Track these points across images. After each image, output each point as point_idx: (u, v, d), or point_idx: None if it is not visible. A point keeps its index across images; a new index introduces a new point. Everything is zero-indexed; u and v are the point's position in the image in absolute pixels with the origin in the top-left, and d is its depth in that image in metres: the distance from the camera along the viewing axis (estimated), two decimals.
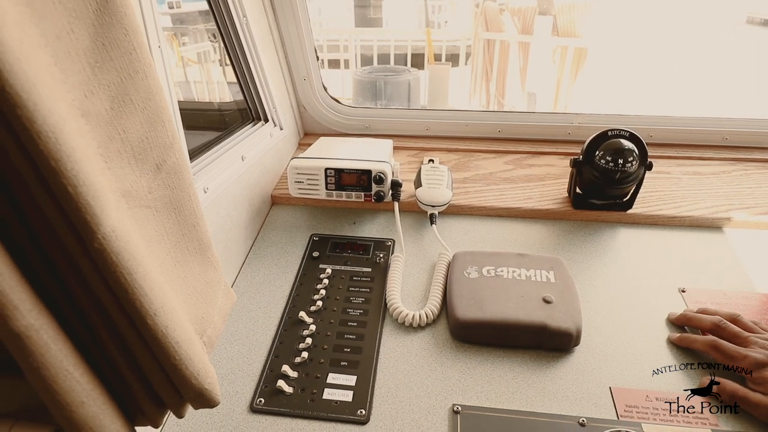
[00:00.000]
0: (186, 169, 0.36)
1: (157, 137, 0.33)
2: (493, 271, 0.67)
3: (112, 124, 0.30)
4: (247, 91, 0.85)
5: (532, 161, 0.96)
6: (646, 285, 0.69)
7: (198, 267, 0.39)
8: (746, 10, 3.64)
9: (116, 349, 0.32)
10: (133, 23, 0.31)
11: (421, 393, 0.56)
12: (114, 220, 0.27)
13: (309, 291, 0.69)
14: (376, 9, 5.73)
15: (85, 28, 0.28)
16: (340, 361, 0.59)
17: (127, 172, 0.31)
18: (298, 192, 0.79)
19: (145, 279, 0.29)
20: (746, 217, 0.78)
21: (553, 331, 0.59)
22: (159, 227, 0.34)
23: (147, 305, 0.30)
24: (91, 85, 0.29)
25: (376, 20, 5.77)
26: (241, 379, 0.58)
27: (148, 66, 0.32)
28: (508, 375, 0.58)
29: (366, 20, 5.71)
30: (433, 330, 0.64)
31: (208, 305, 0.39)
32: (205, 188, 0.64)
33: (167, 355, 0.32)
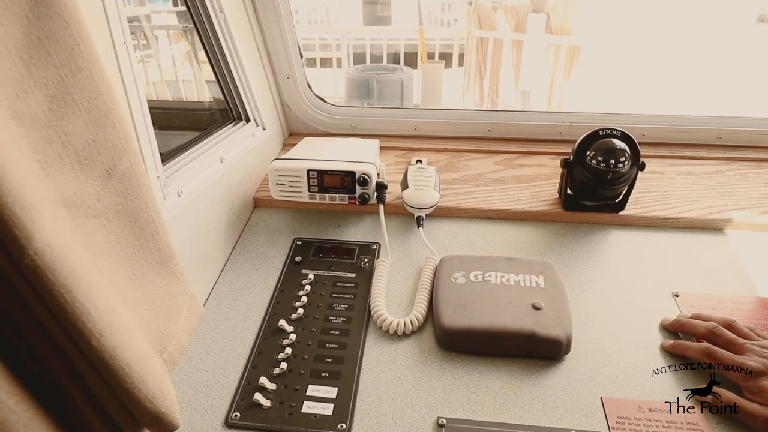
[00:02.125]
0: (142, 174, 0.34)
1: (106, 140, 0.30)
2: (481, 276, 0.65)
3: (51, 127, 0.27)
4: (227, 91, 0.82)
5: (522, 161, 0.94)
6: (639, 289, 0.67)
7: (158, 279, 0.36)
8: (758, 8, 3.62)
9: (63, 372, 0.30)
10: (74, 15, 0.28)
11: (405, 405, 0.53)
12: (49, 234, 0.25)
13: (290, 298, 0.66)
14: (384, 6, 5.68)
15: (16, 21, 0.26)
16: (320, 372, 0.57)
17: (70, 179, 0.28)
18: (280, 194, 0.77)
19: (88, 296, 0.27)
20: (741, 218, 0.76)
21: (543, 338, 0.56)
22: (110, 238, 0.31)
23: (91, 325, 0.27)
24: (24, 84, 0.26)
25: (385, 18, 5.72)
26: (217, 391, 0.55)
27: (93, 62, 0.29)
28: (496, 385, 0.55)
29: (375, 18, 5.66)
30: (419, 338, 0.61)
31: (169, 320, 0.37)
32: (179, 192, 0.61)
33: (117, 377, 0.29)
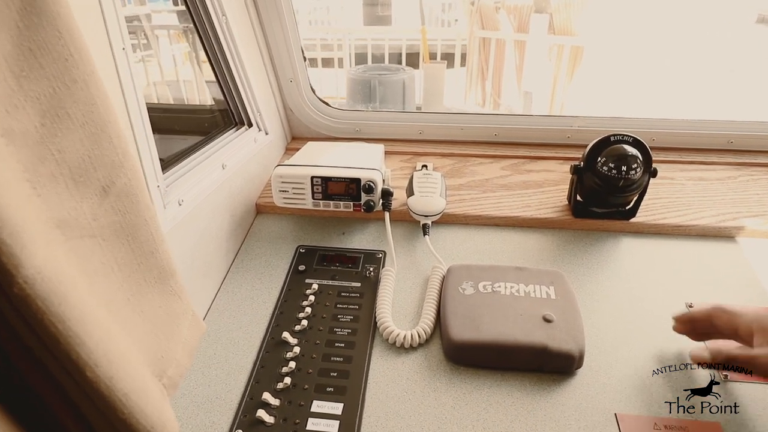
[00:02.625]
0: (141, 190, 0.32)
1: (103, 156, 0.29)
2: (490, 287, 0.63)
3: (44, 143, 0.26)
4: (228, 94, 0.80)
5: (530, 166, 0.92)
6: (651, 299, 0.65)
7: (158, 298, 0.35)
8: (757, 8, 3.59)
9: (58, 403, 0.28)
10: (68, 24, 0.26)
11: (413, 422, 0.52)
12: (40, 260, 0.23)
13: (294, 308, 0.65)
14: (385, 6, 5.67)
15: (6, 31, 0.24)
16: (325, 386, 0.55)
17: (63, 198, 0.27)
18: (283, 202, 0.75)
19: (82, 325, 0.25)
20: (755, 225, 0.74)
21: (555, 352, 0.55)
22: (107, 258, 0.30)
23: (85, 356, 0.25)
24: (15, 99, 0.24)
25: (385, 18, 5.70)
26: (218, 407, 0.53)
27: (89, 74, 0.28)
28: (506, 401, 0.54)
29: (375, 18, 5.65)
30: (426, 351, 0.59)
31: (169, 341, 0.35)
32: (179, 201, 0.59)
33: (114, 409, 0.27)
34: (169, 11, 2.58)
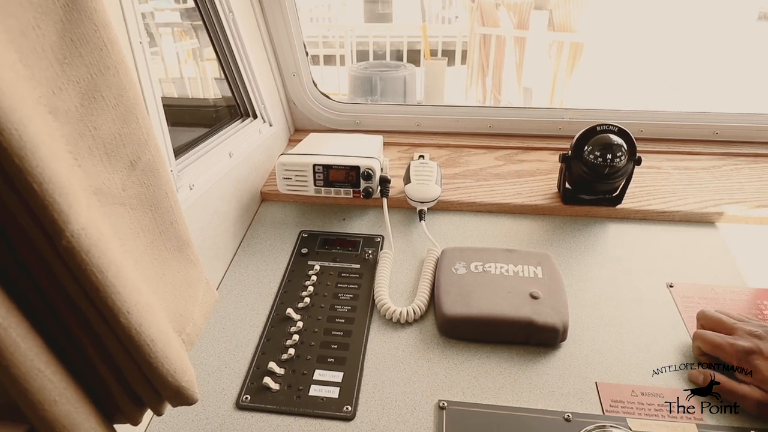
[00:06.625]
0: (162, 166, 0.36)
1: (131, 134, 0.33)
2: (481, 267, 0.67)
3: (83, 121, 0.30)
4: (235, 88, 0.84)
5: (522, 156, 0.96)
6: (635, 280, 0.69)
7: (177, 264, 0.39)
8: (758, 6, 3.61)
9: (91, 347, 0.32)
10: (103, 19, 0.30)
11: (407, 389, 0.56)
12: (84, 218, 0.27)
13: (297, 287, 0.69)
14: (385, 4, 5.70)
15: (52, 24, 0.28)
16: (327, 357, 0.59)
17: (99, 170, 0.31)
18: (286, 188, 0.79)
19: (118, 277, 0.29)
20: (735, 211, 0.78)
21: (540, 326, 0.59)
22: (134, 225, 0.34)
23: (119, 303, 0.29)
24: (59, 82, 0.28)
25: (386, 15, 5.74)
26: (228, 375, 0.58)
27: (120, 62, 0.32)
28: (495, 371, 0.58)
29: (376, 15, 5.68)
30: (421, 326, 0.64)
31: (187, 303, 0.39)
32: (191, 185, 0.63)
33: (142, 352, 0.31)
34: (172, 9, 2.61)
